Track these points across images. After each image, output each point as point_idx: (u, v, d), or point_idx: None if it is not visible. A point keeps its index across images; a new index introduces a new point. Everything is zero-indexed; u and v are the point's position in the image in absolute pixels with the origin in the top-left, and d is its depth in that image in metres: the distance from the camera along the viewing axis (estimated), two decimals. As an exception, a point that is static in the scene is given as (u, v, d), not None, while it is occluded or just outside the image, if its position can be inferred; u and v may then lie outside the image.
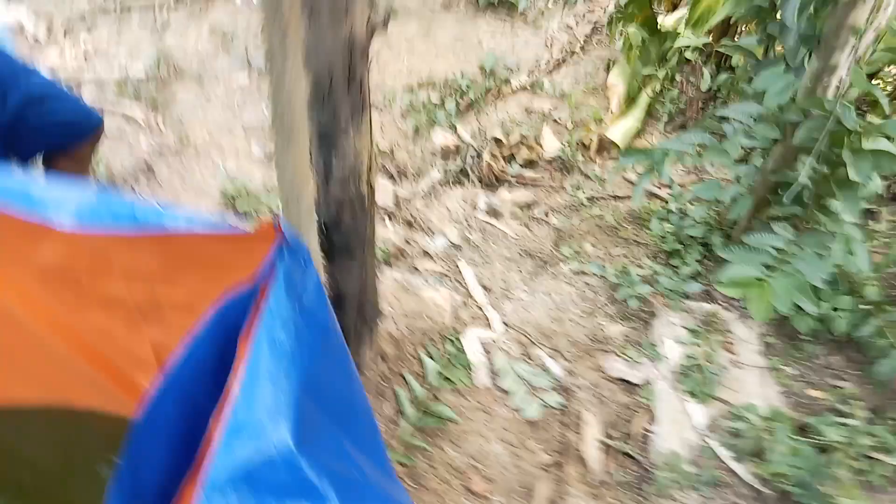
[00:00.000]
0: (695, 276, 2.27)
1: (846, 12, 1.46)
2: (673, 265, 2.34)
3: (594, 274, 2.38)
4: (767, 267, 1.53)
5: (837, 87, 1.57)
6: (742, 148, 1.60)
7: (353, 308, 1.71)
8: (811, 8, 1.49)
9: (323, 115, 1.24)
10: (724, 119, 1.72)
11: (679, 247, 2.37)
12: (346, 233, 1.48)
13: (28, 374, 1.55)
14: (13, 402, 1.58)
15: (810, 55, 1.58)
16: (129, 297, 1.28)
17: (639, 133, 3.20)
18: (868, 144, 1.45)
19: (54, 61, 3.30)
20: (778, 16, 1.63)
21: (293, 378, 0.87)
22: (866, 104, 1.79)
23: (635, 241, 2.56)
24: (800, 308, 1.53)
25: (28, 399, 1.60)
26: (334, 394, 1.05)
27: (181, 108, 3.14)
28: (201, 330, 0.90)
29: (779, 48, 1.87)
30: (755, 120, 1.64)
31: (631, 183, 2.95)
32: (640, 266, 2.36)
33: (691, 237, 2.32)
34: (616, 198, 2.87)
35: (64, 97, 1.66)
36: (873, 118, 1.70)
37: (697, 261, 2.30)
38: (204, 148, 2.96)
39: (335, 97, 1.20)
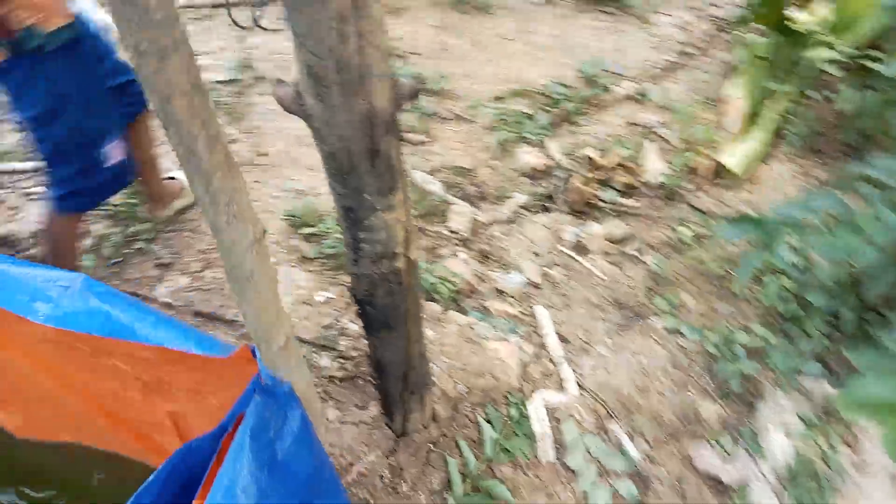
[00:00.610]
0: (817, 354, 1.95)
1: None
2: (789, 335, 2.02)
3: (691, 337, 2.10)
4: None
5: None
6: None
7: (396, 378, 1.57)
8: None
9: (345, 192, 1.09)
10: (866, 177, 1.41)
11: (799, 312, 2.04)
12: (382, 308, 1.33)
13: (51, 420, 1.61)
14: (43, 438, 1.67)
15: None
16: (135, 373, 1.25)
17: (762, 158, 2.84)
18: None
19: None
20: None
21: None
22: None
23: (745, 296, 2.24)
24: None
25: (56, 437, 1.68)
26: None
27: (258, 117, 3.12)
28: (150, 479, 0.78)
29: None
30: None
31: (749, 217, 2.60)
32: (747, 331, 2.06)
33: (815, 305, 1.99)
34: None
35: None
36: None
37: (822, 333, 1.96)
38: (277, 161, 2.92)
39: (357, 174, 1.05)
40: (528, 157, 2.96)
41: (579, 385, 2.06)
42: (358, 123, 0.97)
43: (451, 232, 2.67)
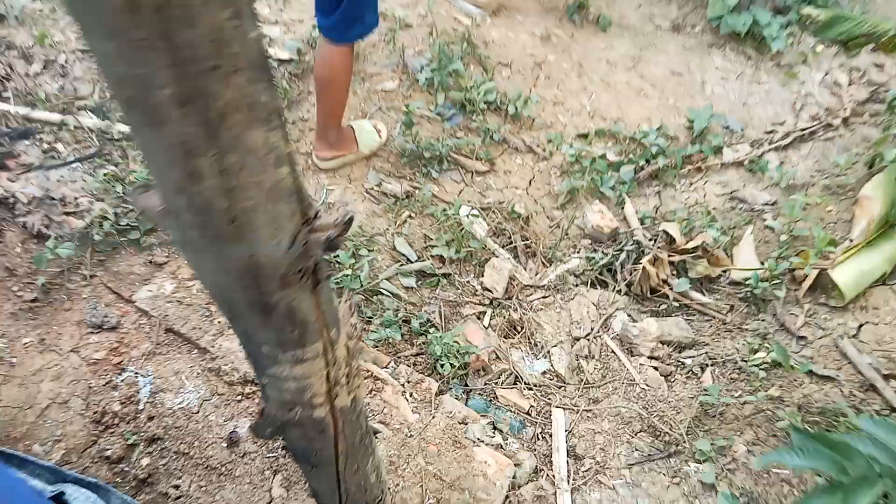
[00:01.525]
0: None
1: None
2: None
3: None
4: None
5: None
6: None
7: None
8: None
9: (237, 333, 0.85)
10: None
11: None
12: (299, 448, 1.09)
13: None
14: None
15: None
16: None
17: (883, 280, 2.37)
18: None
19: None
20: None
21: None
22: None
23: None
24: None
25: None
26: None
27: (311, 108, 2.91)
28: None
29: None
30: None
31: (844, 358, 2.18)
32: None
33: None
34: (816, 377, 2.13)
35: None
36: None
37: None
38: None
39: (245, 324, 0.80)
40: (598, 216, 2.61)
41: (574, 527, 1.76)
42: (234, 275, 0.71)
43: (484, 288, 2.39)
